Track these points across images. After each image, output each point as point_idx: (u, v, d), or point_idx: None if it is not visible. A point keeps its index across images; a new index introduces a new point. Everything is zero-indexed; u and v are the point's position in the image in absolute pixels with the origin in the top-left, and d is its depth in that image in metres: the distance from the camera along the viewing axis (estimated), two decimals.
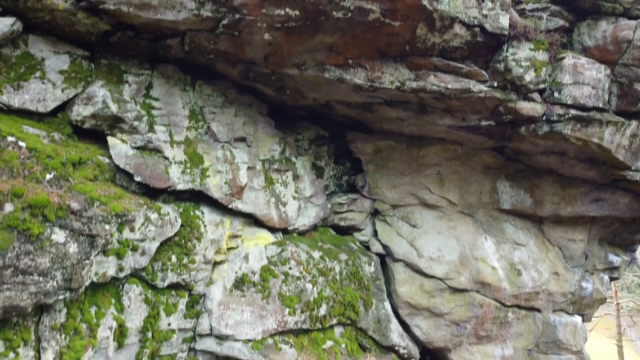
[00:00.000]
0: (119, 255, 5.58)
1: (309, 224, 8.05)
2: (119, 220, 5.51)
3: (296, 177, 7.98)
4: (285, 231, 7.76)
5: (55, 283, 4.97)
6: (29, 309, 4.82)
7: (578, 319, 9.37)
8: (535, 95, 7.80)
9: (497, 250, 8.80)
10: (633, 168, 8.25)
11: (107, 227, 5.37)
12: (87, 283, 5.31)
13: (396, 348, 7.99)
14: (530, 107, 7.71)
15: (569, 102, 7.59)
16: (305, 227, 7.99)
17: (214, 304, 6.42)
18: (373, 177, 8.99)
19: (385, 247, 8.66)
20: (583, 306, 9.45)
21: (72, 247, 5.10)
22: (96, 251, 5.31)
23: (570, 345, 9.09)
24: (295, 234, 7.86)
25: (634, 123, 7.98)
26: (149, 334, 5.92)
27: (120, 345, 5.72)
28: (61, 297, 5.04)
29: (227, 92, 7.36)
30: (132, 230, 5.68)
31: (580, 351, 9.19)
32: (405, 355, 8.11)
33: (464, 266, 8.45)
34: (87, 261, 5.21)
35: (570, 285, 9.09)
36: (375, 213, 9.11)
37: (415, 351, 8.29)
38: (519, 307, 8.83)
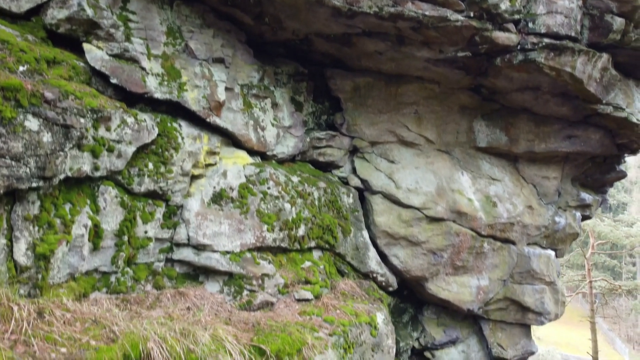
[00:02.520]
0: (94, 153, 5.51)
1: (287, 153, 8.06)
2: (95, 116, 5.44)
3: (275, 106, 7.98)
4: (263, 157, 7.76)
5: (28, 170, 4.89)
6: (1, 191, 4.73)
7: (551, 252, 9.57)
8: (510, 26, 7.95)
9: (473, 184, 8.94)
10: (604, 102, 8.47)
11: (82, 120, 5.30)
12: (61, 176, 5.23)
13: (374, 275, 8.06)
14: (506, 37, 7.86)
15: (543, 31, 7.76)
16: (283, 156, 8.00)
17: (192, 214, 6.39)
18: (352, 115, 9.05)
19: (363, 181, 8.72)
20: (556, 240, 9.66)
21: (46, 137, 5.02)
22: (71, 144, 5.24)
23: (544, 276, 9.28)
24: (273, 161, 7.87)
25: (605, 56, 8.19)
26: (125, 238, 5.87)
27: (95, 247, 5.65)
28: (34, 184, 4.96)
29: (205, 15, 7.31)
30: (108, 129, 5.62)
31: (553, 282, 9.39)
32: (383, 283, 8.18)
33: (440, 197, 8.56)
34: (61, 152, 5.14)
35: (544, 219, 9.29)
36: (353, 151, 9.16)
37: (392, 280, 8.37)
38: (495, 238, 8.99)
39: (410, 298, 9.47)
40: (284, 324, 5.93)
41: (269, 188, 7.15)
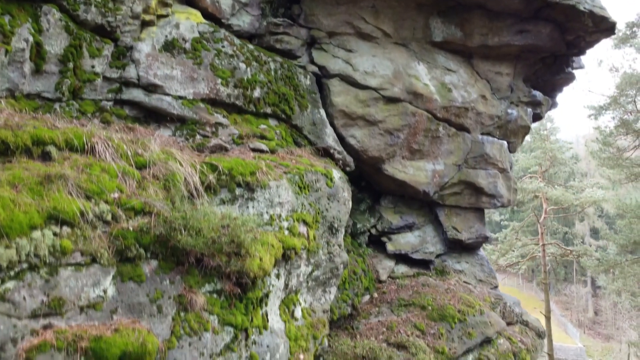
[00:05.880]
0: None
1: (243, 28, 7.92)
2: None
3: None
4: (218, 24, 7.59)
5: None
6: None
7: (504, 142, 9.80)
8: None
9: (429, 73, 9.05)
10: None
11: None
12: None
13: (331, 151, 8.00)
14: None
15: None
16: (239, 29, 7.85)
17: (142, 55, 6.18)
18: (309, 6, 8.97)
19: (321, 68, 8.67)
20: (509, 132, 9.91)
21: None
22: None
23: (497, 161, 9.49)
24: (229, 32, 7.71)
25: None
26: (70, 66, 5.61)
27: (38, 69, 5.38)
28: None
29: None
30: None
31: (506, 170, 9.62)
32: (340, 161, 8.15)
33: (397, 79, 8.62)
34: None
35: (497, 110, 9.51)
36: (311, 44, 9.09)
37: (350, 160, 8.34)
38: (450, 123, 9.13)
39: (367, 189, 9.52)
40: (238, 158, 5.82)
41: (223, 47, 7.01)
